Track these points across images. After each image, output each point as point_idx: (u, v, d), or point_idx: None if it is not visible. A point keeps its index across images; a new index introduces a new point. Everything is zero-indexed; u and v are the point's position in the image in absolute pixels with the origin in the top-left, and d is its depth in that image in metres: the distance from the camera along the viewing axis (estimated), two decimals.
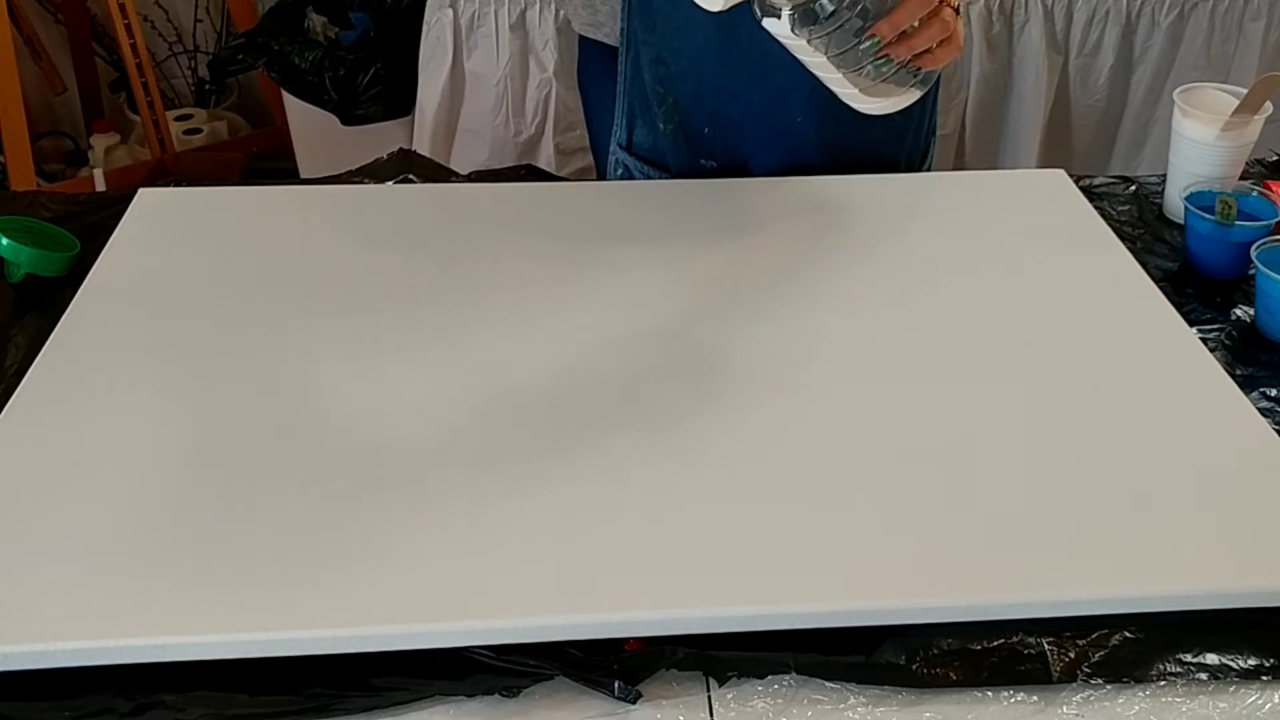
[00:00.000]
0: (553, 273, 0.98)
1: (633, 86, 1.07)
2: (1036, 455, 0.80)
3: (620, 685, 0.66)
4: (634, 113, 1.09)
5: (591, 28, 1.08)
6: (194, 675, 0.66)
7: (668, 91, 1.07)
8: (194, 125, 2.60)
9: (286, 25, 2.28)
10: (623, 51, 1.06)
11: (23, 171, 2.16)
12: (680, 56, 1.05)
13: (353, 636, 0.66)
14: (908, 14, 0.84)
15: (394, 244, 1.01)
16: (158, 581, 0.69)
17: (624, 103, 1.09)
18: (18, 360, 0.88)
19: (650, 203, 1.08)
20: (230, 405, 0.82)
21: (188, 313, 0.92)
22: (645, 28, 1.03)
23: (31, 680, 0.65)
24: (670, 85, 1.06)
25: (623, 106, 1.09)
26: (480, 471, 0.77)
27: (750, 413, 0.83)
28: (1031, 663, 0.68)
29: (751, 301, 0.95)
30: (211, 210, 1.06)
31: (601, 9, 1.06)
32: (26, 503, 0.74)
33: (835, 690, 0.67)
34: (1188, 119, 1.11)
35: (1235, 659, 0.69)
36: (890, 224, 1.06)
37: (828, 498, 0.76)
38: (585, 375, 0.86)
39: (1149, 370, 0.89)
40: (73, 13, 2.46)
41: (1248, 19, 2.10)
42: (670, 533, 0.73)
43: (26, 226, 0.99)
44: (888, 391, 0.86)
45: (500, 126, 2.13)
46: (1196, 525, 0.75)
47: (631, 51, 1.05)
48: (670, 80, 1.06)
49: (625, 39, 1.04)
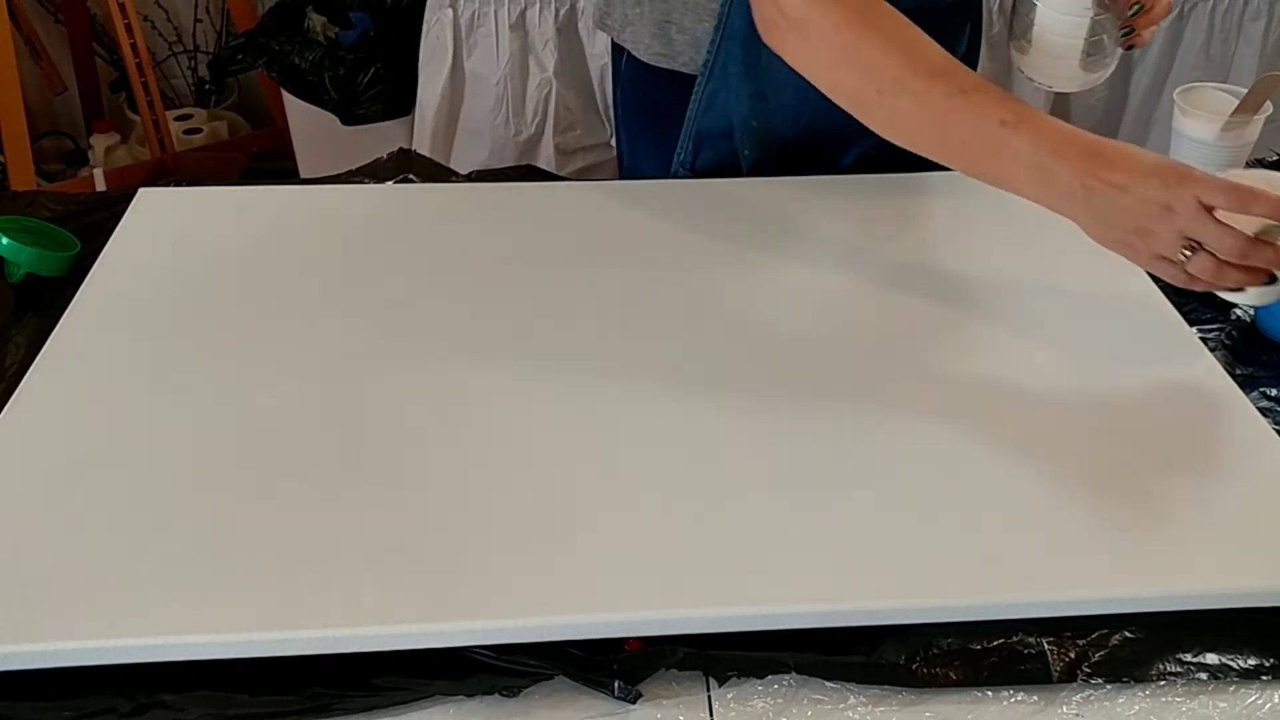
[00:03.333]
0: (553, 272, 0.98)
1: (706, 114, 1.09)
2: (1036, 455, 0.80)
3: (620, 685, 0.66)
4: (702, 138, 1.12)
5: (665, 58, 1.11)
6: (194, 675, 0.66)
7: (762, 124, 1.09)
8: (194, 125, 2.60)
9: (286, 25, 2.28)
10: (703, 82, 1.08)
11: (23, 171, 2.16)
12: (784, 90, 1.07)
13: (353, 636, 0.66)
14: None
15: (394, 244, 1.01)
16: (158, 581, 0.69)
17: (693, 129, 1.11)
18: (18, 360, 0.88)
19: (650, 203, 1.08)
20: (230, 405, 0.82)
21: (188, 312, 0.92)
22: (747, 63, 1.05)
23: (31, 680, 0.65)
24: (768, 118, 1.08)
25: (690, 132, 1.11)
26: (480, 471, 0.77)
27: (751, 412, 0.83)
28: (1031, 663, 0.68)
29: (752, 301, 0.95)
30: (211, 210, 1.06)
31: (678, 39, 1.08)
32: (26, 503, 0.74)
33: (835, 690, 0.67)
34: (1188, 119, 1.11)
35: (1235, 659, 0.69)
36: (893, 222, 1.06)
37: (827, 498, 0.76)
38: (585, 374, 0.86)
39: (1149, 370, 0.89)
40: (73, 13, 2.46)
41: (1248, 19, 2.10)
42: (670, 533, 0.73)
43: (26, 226, 0.99)
44: (888, 391, 0.86)
45: (500, 126, 2.14)
46: (1196, 525, 0.75)
47: (713, 84, 1.07)
48: (769, 113, 1.08)
49: (710, 72, 1.07)
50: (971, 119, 0.84)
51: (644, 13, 1.10)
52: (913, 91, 0.85)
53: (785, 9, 0.89)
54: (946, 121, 0.85)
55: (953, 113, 0.85)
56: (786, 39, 0.90)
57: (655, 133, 1.17)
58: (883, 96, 0.86)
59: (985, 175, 0.87)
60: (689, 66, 1.10)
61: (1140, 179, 0.80)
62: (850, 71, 0.87)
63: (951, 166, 0.89)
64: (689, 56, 1.09)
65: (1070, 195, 0.82)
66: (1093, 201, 0.81)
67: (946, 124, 0.85)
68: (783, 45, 0.91)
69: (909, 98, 0.86)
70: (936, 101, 0.85)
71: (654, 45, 1.10)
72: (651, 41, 1.10)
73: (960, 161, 0.87)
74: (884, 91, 0.86)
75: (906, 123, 0.87)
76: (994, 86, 0.86)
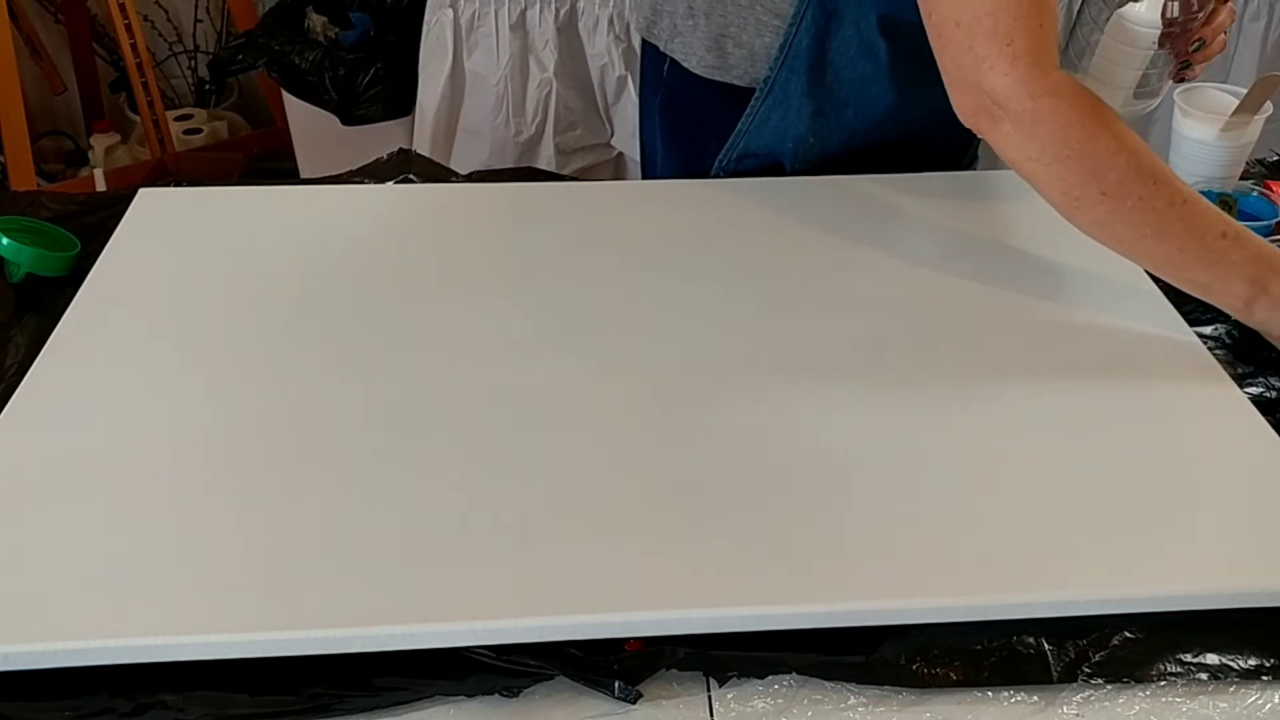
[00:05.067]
0: (553, 272, 0.98)
1: (759, 129, 1.10)
2: (1036, 455, 0.80)
3: (620, 685, 0.66)
4: (748, 152, 1.13)
5: (718, 70, 1.11)
6: (194, 675, 0.66)
7: (818, 141, 1.10)
8: (194, 125, 2.60)
9: (286, 25, 2.28)
10: (760, 98, 1.09)
11: (23, 171, 2.16)
12: (845, 109, 1.09)
13: (353, 636, 0.66)
14: (1231, 15, 0.97)
15: (394, 244, 1.01)
16: (158, 581, 0.69)
17: (740, 140, 1.12)
18: (18, 360, 0.88)
19: (651, 203, 1.08)
20: (230, 405, 0.82)
21: (188, 312, 0.92)
22: (811, 82, 1.06)
23: (31, 680, 0.65)
24: (825, 136, 1.10)
25: (736, 144, 1.12)
26: (481, 471, 0.77)
27: (751, 412, 0.83)
28: (1031, 663, 0.68)
29: (753, 300, 0.95)
30: (211, 210, 1.06)
31: (734, 53, 1.09)
32: (26, 503, 0.74)
33: (835, 690, 0.67)
34: (1188, 119, 1.11)
35: (1235, 659, 0.69)
36: (896, 222, 1.06)
37: (827, 498, 0.76)
38: (586, 375, 0.86)
39: (1149, 370, 0.89)
40: (73, 13, 2.46)
41: (1248, 19, 2.10)
42: (670, 532, 0.73)
43: (26, 226, 0.99)
44: (888, 392, 0.86)
45: (500, 126, 2.13)
46: (1196, 525, 0.75)
47: (771, 101, 1.08)
48: (827, 131, 1.09)
49: (769, 88, 1.07)
50: (1193, 228, 0.87)
51: (698, 25, 1.10)
52: (1137, 195, 0.86)
53: (1008, 101, 0.86)
54: (1167, 228, 0.87)
55: (1174, 221, 0.87)
56: (1000, 126, 0.88)
57: (694, 141, 1.17)
58: (1105, 198, 0.87)
59: (1195, 284, 0.90)
60: (742, 80, 1.10)
61: None
62: (1077, 169, 0.87)
63: (1158, 272, 0.93)
64: (744, 70, 1.09)
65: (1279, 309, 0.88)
66: None
67: (1166, 230, 0.87)
68: (993, 131, 0.89)
69: (1132, 201, 0.86)
70: (1159, 208, 0.87)
71: (708, 58, 1.10)
72: (705, 54, 1.10)
73: (1171, 267, 0.90)
74: (1108, 193, 0.86)
75: (1123, 224, 0.88)
76: (1206, 199, 0.89)
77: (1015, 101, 0.85)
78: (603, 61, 2.11)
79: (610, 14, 2.07)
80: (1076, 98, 0.86)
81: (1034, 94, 0.85)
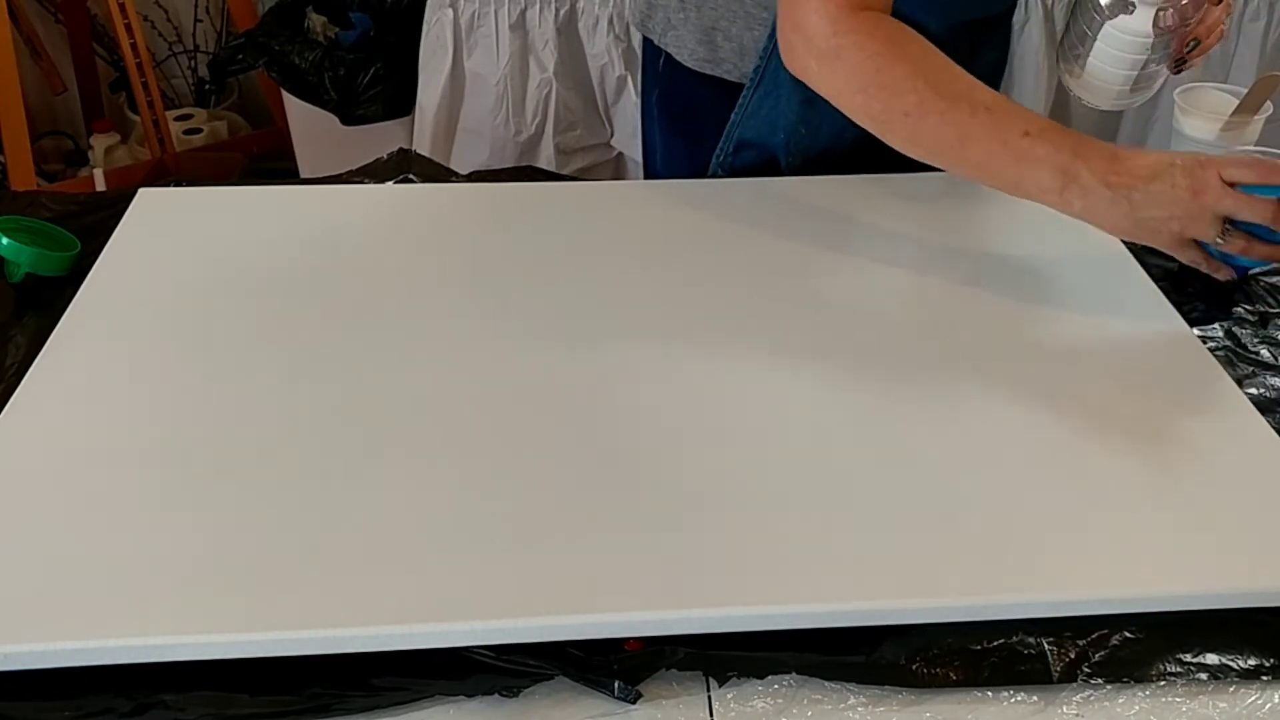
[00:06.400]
0: (553, 272, 0.98)
1: (750, 120, 1.11)
2: (1036, 455, 0.80)
3: (620, 685, 0.66)
4: (744, 144, 1.13)
5: (709, 64, 1.12)
6: (194, 675, 0.66)
7: (810, 131, 1.10)
8: (194, 125, 2.60)
9: (286, 25, 2.28)
10: (751, 89, 1.09)
11: (23, 171, 2.16)
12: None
13: (353, 636, 0.66)
14: (1226, 9, 0.98)
15: (394, 244, 1.01)
16: (158, 581, 0.69)
17: (734, 133, 1.12)
18: (18, 360, 0.88)
19: (651, 202, 1.08)
20: (231, 404, 0.82)
21: (188, 312, 0.92)
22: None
23: (31, 680, 0.65)
24: (815, 125, 1.10)
25: (731, 136, 1.13)
26: (481, 471, 0.77)
27: (751, 411, 0.83)
28: (1031, 663, 0.68)
29: (752, 300, 0.95)
30: (211, 210, 1.06)
31: (724, 46, 1.09)
32: (27, 502, 0.74)
33: (835, 690, 0.67)
34: (1188, 119, 1.11)
35: (1235, 659, 0.69)
36: (893, 224, 1.06)
37: (827, 498, 0.76)
38: (586, 374, 0.86)
39: (1149, 370, 0.89)
40: (73, 13, 2.46)
41: (1248, 19, 2.10)
42: (670, 533, 0.73)
43: (26, 226, 0.99)
44: (888, 391, 0.86)
45: (500, 126, 2.14)
46: (1197, 525, 0.75)
47: (762, 90, 1.08)
48: (817, 120, 1.09)
49: (759, 78, 1.08)
50: (995, 131, 0.89)
51: (689, 18, 1.10)
52: (937, 110, 0.89)
53: (814, 39, 0.91)
54: (970, 135, 0.89)
55: (977, 128, 0.89)
56: (809, 65, 0.93)
57: (691, 136, 1.18)
58: (908, 119, 0.90)
59: (1007, 183, 0.91)
60: (733, 74, 1.11)
61: (1163, 169, 0.87)
62: (877, 95, 0.91)
63: (972, 178, 0.93)
64: (734, 64, 1.10)
65: (1093, 193, 0.87)
66: (1117, 197, 0.87)
67: (970, 137, 0.89)
68: (804, 71, 0.94)
69: (934, 118, 0.89)
70: (960, 118, 0.89)
71: (699, 51, 1.11)
72: (696, 47, 1.11)
73: (982, 172, 0.91)
74: (910, 114, 0.90)
75: (929, 138, 0.91)
76: (1014, 103, 0.90)
77: (820, 39, 0.91)
78: (603, 61, 2.11)
79: (610, 14, 2.07)
80: (876, 30, 0.90)
81: (838, 31, 0.90)
